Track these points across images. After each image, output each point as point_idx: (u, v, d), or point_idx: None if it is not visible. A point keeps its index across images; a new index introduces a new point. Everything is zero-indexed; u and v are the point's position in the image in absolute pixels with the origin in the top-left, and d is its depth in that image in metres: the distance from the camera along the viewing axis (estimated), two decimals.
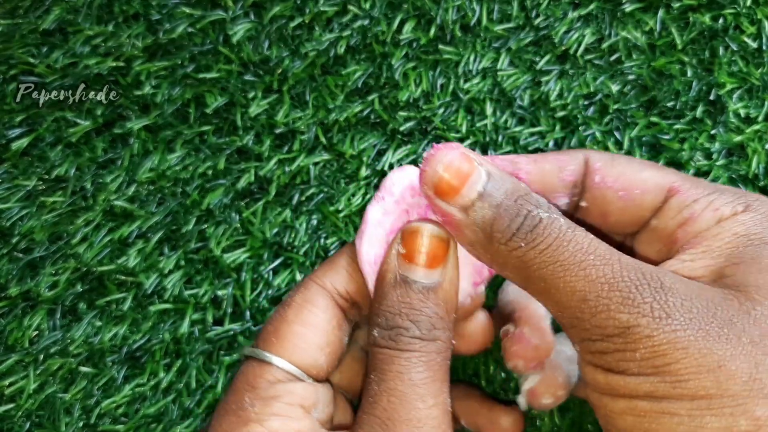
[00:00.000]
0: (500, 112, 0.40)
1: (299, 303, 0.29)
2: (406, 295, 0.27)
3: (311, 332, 0.28)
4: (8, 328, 0.38)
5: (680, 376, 0.21)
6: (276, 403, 0.26)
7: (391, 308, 0.27)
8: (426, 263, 0.27)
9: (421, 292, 0.27)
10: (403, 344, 0.26)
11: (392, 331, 0.27)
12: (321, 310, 0.29)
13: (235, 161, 0.40)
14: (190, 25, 0.40)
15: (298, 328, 0.28)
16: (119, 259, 0.39)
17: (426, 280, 0.27)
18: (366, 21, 0.41)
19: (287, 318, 0.28)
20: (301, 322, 0.28)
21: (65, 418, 0.37)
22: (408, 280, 0.27)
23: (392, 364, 0.26)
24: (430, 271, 0.27)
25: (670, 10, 0.41)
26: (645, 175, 0.28)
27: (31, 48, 0.40)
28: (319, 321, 0.28)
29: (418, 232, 0.27)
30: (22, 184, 0.39)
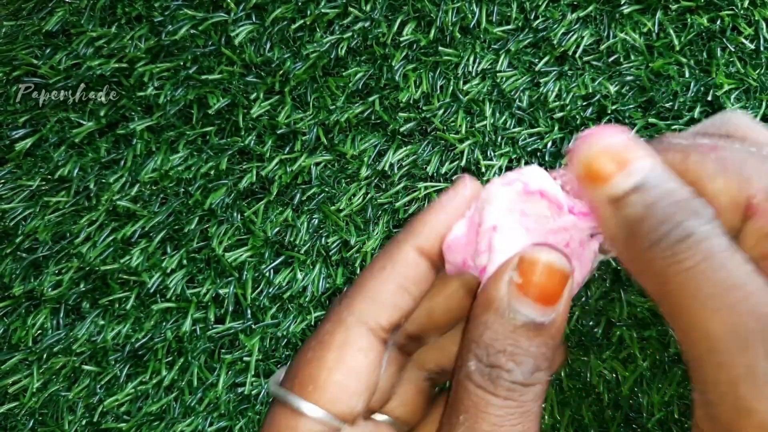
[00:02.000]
0: (499, 112, 0.41)
1: (340, 346, 0.26)
2: (512, 331, 0.24)
3: (353, 380, 0.26)
4: (12, 327, 0.38)
5: None
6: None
7: (494, 342, 0.24)
8: (543, 299, 0.24)
9: (532, 330, 0.24)
10: (501, 389, 0.24)
11: (492, 370, 0.24)
12: (363, 353, 0.26)
13: (237, 161, 0.40)
14: (192, 27, 0.41)
15: (339, 377, 0.26)
16: (122, 259, 0.39)
17: (539, 318, 0.24)
18: (367, 23, 0.41)
19: (327, 364, 0.26)
20: (343, 370, 0.26)
21: (68, 416, 0.38)
22: (520, 314, 0.24)
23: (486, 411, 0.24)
24: (546, 308, 0.24)
25: (668, 12, 0.41)
26: (718, 186, 0.23)
27: (35, 49, 0.41)
28: (362, 366, 0.26)
29: (539, 262, 0.24)
30: (26, 184, 0.40)
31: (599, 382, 0.38)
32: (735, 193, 0.23)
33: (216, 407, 0.38)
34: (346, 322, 0.26)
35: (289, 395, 0.26)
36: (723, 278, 0.20)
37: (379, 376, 0.27)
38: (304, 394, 0.25)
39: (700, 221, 0.21)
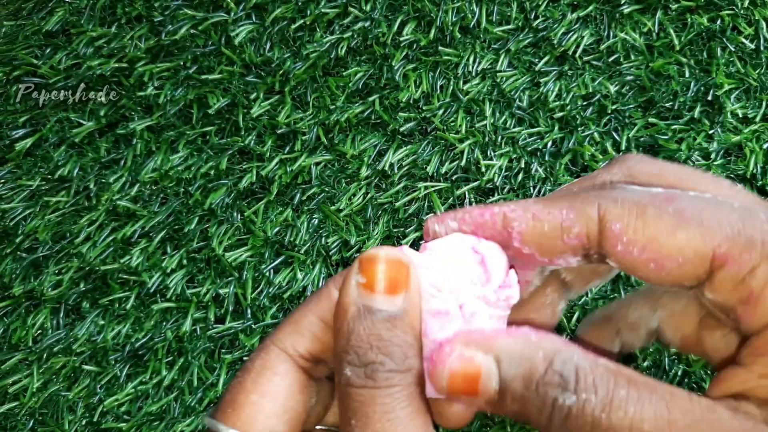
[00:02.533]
0: (499, 112, 0.41)
1: (258, 370, 0.27)
2: (373, 327, 0.25)
3: (269, 401, 0.27)
4: (12, 327, 0.38)
5: None
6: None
7: (360, 343, 0.25)
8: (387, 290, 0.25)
9: (388, 321, 0.25)
10: (381, 380, 0.24)
11: (367, 367, 0.25)
12: (280, 377, 0.27)
13: (237, 161, 0.40)
14: (192, 27, 0.41)
15: (255, 398, 0.27)
16: (122, 259, 0.39)
17: (391, 308, 0.25)
18: (367, 23, 0.41)
19: (245, 387, 0.27)
20: (258, 392, 0.27)
21: (68, 415, 0.38)
22: (372, 309, 0.25)
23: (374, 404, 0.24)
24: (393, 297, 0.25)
25: (668, 12, 0.41)
26: (680, 240, 0.22)
27: (35, 49, 0.41)
28: (279, 389, 0.27)
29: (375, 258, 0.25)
30: (26, 184, 0.40)
31: None
32: (698, 244, 0.22)
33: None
34: (266, 349, 0.27)
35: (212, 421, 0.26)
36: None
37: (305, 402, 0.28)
38: (224, 418, 0.26)
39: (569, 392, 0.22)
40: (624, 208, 0.23)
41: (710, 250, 0.22)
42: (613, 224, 0.23)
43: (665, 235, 0.22)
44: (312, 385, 0.29)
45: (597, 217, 0.24)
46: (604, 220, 0.24)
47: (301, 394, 0.28)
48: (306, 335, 0.27)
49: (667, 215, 0.23)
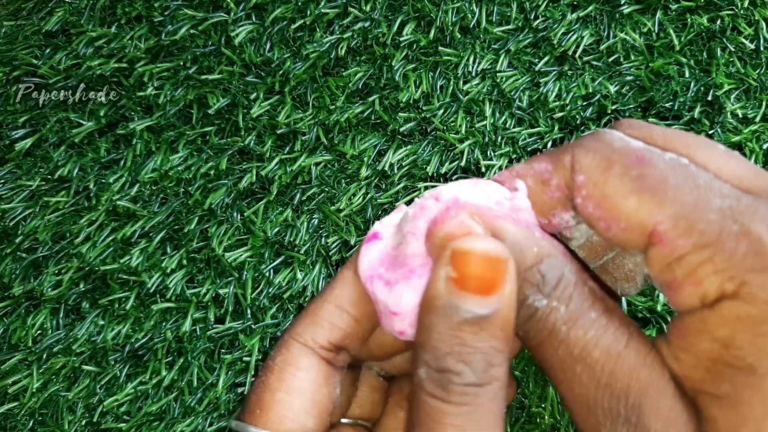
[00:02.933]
0: (499, 112, 0.41)
1: (280, 367, 0.27)
2: (458, 329, 0.23)
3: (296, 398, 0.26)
4: (12, 327, 0.38)
5: None
6: None
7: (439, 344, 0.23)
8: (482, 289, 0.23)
9: (476, 324, 0.23)
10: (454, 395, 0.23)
11: (442, 375, 0.23)
12: (304, 371, 0.27)
13: (237, 161, 0.40)
14: (192, 27, 0.41)
15: (282, 396, 0.26)
16: (122, 259, 0.39)
17: (482, 310, 0.23)
18: (366, 23, 0.41)
19: (270, 385, 0.26)
20: (284, 389, 0.26)
21: (68, 416, 0.38)
22: (460, 309, 0.23)
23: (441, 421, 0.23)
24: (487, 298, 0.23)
25: (668, 12, 0.41)
26: (629, 206, 0.22)
27: (35, 49, 0.41)
28: (304, 384, 0.27)
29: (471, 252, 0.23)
30: (26, 185, 0.40)
31: None
32: (644, 215, 0.22)
33: (216, 407, 0.38)
34: (286, 344, 0.27)
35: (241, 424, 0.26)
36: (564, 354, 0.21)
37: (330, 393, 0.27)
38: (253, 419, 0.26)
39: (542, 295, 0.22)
40: (593, 161, 0.23)
41: (652, 224, 0.21)
42: (579, 175, 0.23)
43: (619, 196, 0.22)
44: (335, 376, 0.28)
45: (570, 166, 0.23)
46: (573, 169, 0.23)
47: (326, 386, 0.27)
48: (325, 326, 0.27)
49: (628, 177, 0.22)
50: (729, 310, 0.20)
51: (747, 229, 0.20)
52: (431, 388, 0.23)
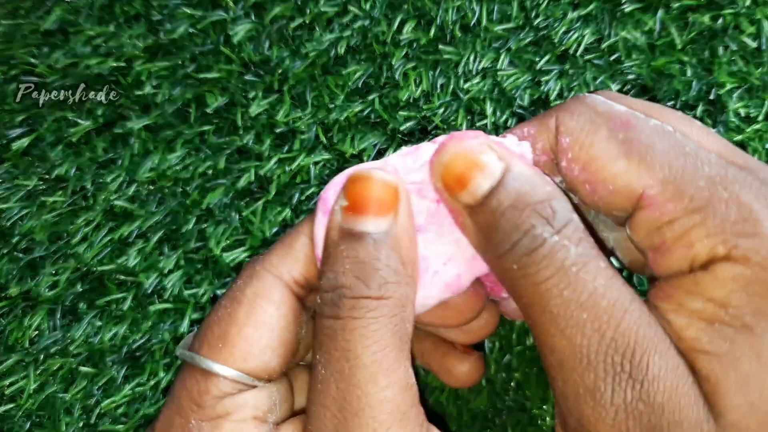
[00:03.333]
0: (500, 111, 0.40)
1: (251, 299, 0.24)
2: (351, 249, 0.22)
3: (265, 334, 0.24)
4: (8, 328, 0.38)
5: None
6: (227, 423, 0.23)
7: (335, 266, 0.22)
8: (373, 211, 0.23)
9: (370, 244, 0.22)
10: (346, 310, 0.22)
11: (335, 293, 0.22)
12: (276, 306, 0.24)
13: (236, 161, 0.40)
14: (190, 26, 0.40)
15: (250, 331, 0.24)
16: (119, 259, 0.39)
17: (374, 230, 0.22)
18: (366, 21, 0.41)
19: (237, 319, 0.24)
20: (253, 324, 0.24)
21: (65, 418, 0.37)
22: (353, 231, 0.22)
23: (335, 339, 0.22)
24: (378, 219, 0.22)
25: (669, 10, 0.41)
26: (617, 168, 0.22)
27: (32, 48, 0.40)
28: (274, 320, 0.24)
29: (360, 179, 0.23)
30: (23, 184, 0.39)
31: None
32: (633, 179, 0.21)
33: None
34: (258, 275, 0.25)
35: (197, 357, 0.24)
36: (570, 297, 0.20)
37: (297, 333, 0.25)
38: (214, 354, 0.24)
39: (552, 228, 0.20)
40: (578, 123, 0.22)
41: (641, 188, 0.21)
42: (564, 137, 0.23)
43: (606, 159, 0.22)
44: (304, 315, 0.26)
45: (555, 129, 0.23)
46: (558, 132, 0.23)
47: (294, 324, 0.25)
48: (301, 259, 0.25)
49: (615, 140, 0.22)
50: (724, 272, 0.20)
51: (736, 196, 0.20)
52: (326, 310, 0.22)
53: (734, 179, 0.21)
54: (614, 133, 0.22)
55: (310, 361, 0.29)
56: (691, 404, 0.19)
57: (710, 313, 0.20)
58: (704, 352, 0.20)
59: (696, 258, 0.21)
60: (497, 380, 0.39)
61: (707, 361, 0.20)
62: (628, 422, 0.19)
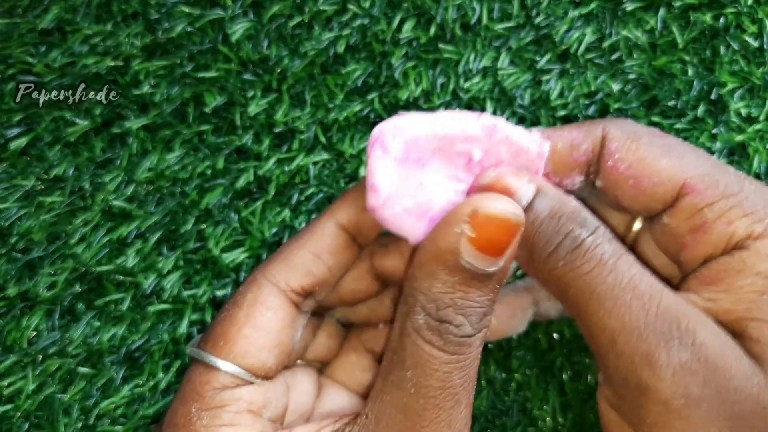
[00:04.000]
0: (501, 111, 0.40)
1: (250, 303, 0.27)
2: (464, 284, 0.24)
3: (262, 335, 0.27)
4: (6, 329, 0.38)
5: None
6: (224, 414, 0.25)
7: (444, 296, 0.24)
8: (494, 251, 0.23)
9: (482, 281, 0.24)
10: (450, 345, 0.24)
11: (441, 325, 0.24)
12: (273, 311, 0.27)
13: (234, 161, 0.40)
14: (188, 24, 0.40)
15: (248, 332, 0.27)
16: (118, 260, 0.38)
17: (491, 269, 0.24)
18: (366, 20, 0.40)
19: (237, 320, 0.27)
20: (251, 325, 0.27)
21: (64, 418, 0.37)
22: (472, 267, 0.23)
23: (435, 367, 0.24)
24: (497, 258, 0.24)
25: (671, 9, 0.40)
26: (662, 165, 0.26)
27: (30, 47, 0.40)
28: (270, 323, 0.27)
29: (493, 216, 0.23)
30: (21, 184, 0.39)
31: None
32: (675, 172, 0.26)
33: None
34: (258, 282, 0.27)
35: (201, 353, 0.27)
36: (616, 282, 0.23)
37: (293, 336, 0.28)
38: (216, 350, 0.26)
39: (587, 230, 0.24)
40: (623, 132, 0.27)
41: (682, 179, 0.26)
42: (612, 143, 0.27)
43: (651, 158, 0.26)
44: (300, 320, 0.29)
45: (601, 136, 0.27)
46: (606, 138, 0.27)
47: (290, 328, 0.28)
48: (299, 270, 0.27)
49: (656, 145, 0.26)
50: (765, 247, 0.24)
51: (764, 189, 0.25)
52: (429, 336, 0.24)
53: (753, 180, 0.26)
54: (655, 140, 0.27)
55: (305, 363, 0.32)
56: (740, 362, 0.22)
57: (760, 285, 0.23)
58: (755, 320, 0.23)
59: (734, 235, 0.24)
60: (497, 380, 0.39)
61: (757, 327, 0.23)
62: (686, 379, 0.22)
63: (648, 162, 0.26)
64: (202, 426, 0.25)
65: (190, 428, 0.26)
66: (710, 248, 0.25)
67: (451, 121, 0.26)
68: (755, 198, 0.25)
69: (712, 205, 0.25)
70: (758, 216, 0.24)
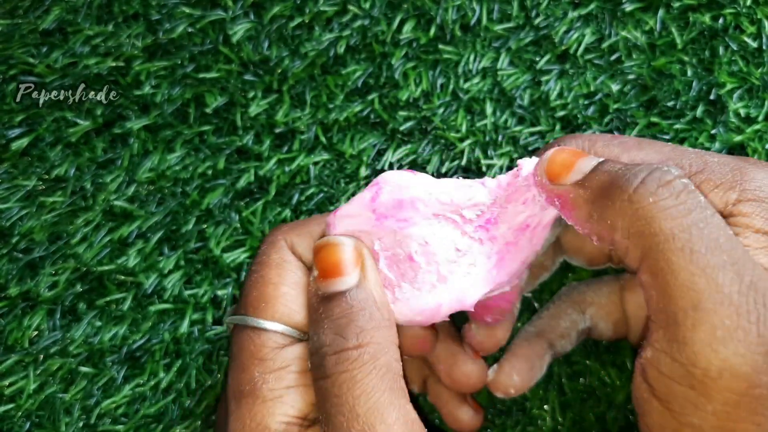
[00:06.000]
0: (500, 111, 0.40)
1: (278, 263, 0.27)
2: (328, 310, 0.24)
3: (297, 291, 0.27)
4: (8, 329, 0.38)
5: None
6: (287, 375, 0.25)
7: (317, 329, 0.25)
8: (339, 272, 0.25)
9: (343, 300, 0.24)
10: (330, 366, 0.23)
11: (318, 354, 0.24)
12: (297, 267, 0.27)
13: (235, 161, 0.40)
14: (189, 25, 0.40)
15: (286, 290, 0.26)
16: (119, 259, 0.39)
17: (345, 286, 0.25)
18: (366, 21, 0.41)
19: (271, 280, 0.27)
20: (286, 283, 0.27)
21: (65, 418, 0.37)
22: (327, 294, 0.25)
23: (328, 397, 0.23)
24: (346, 277, 0.25)
25: (670, 10, 0.41)
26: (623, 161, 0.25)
27: (31, 48, 0.40)
28: (299, 279, 0.27)
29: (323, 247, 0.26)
30: (22, 184, 0.39)
31: (599, 385, 0.38)
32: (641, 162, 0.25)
33: (215, 410, 0.38)
34: (276, 243, 0.28)
35: (247, 318, 0.26)
36: (710, 237, 0.20)
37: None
38: (259, 313, 0.26)
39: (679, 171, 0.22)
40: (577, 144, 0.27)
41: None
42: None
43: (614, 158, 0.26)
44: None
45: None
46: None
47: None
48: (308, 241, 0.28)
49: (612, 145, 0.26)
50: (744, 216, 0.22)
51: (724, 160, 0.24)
52: (315, 372, 0.24)
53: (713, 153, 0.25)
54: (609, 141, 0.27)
55: None
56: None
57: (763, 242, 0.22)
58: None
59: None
60: None
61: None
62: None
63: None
64: (268, 390, 0.24)
65: (258, 394, 0.24)
66: None
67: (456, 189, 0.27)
68: (721, 169, 0.23)
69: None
70: (729, 184, 0.23)
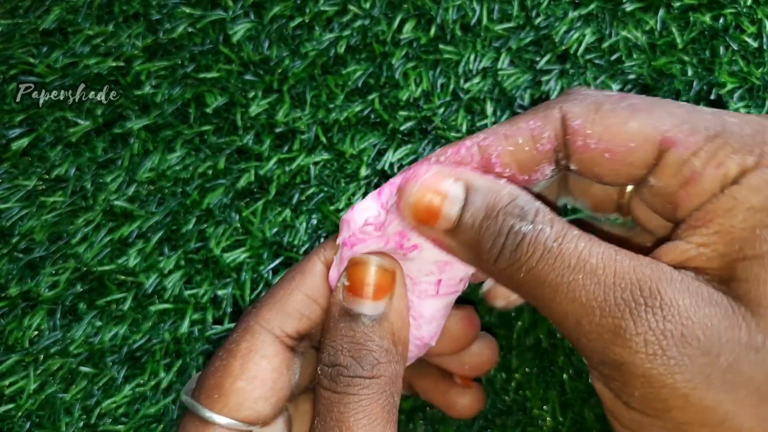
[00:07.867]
0: (500, 111, 0.40)
1: (244, 354, 0.27)
2: (349, 329, 0.26)
3: (257, 387, 0.26)
4: (8, 328, 0.38)
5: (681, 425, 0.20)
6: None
7: (334, 343, 0.26)
8: (371, 295, 0.26)
9: (366, 325, 0.25)
10: (341, 386, 0.25)
11: (333, 369, 0.25)
12: (268, 359, 0.27)
13: (235, 161, 0.40)
14: (190, 25, 0.40)
15: (243, 385, 0.26)
16: (119, 259, 0.39)
17: (371, 312, 0.26)
18: (366, 21, 0.41)
19: (231, 372, 0.26)
20: (246, 378, 0.26)
21: (65, 418, 0.37)
22: (352, 312, 0.26)
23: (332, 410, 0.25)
24: (375, 303, 0.26)
25: (670, 10, 0.41)
26: (632, 127, 0.24)
27: (31, 48, 0.40)
28: (266, 372, 0.27)
29: (362, 263, 0.26)
30: (22, 184, 0.39)
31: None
32: (649, 130, 0.24)
33: None
34: (252, 330, 0.27)
35: (196, 405, 0.26)
36: (564, 266, 0.22)
37: (290, 380, 0.28)
38: (210, 403, 0.26)
39: (527, 219, 0.23)
40: (582, 107, 0.25)
41: (659, 134, 0.23)
42: (574, 121, 0.25)
43: (619, 124, 0.24)
44: (296, 362, 0.29)
45: (560, 118, 0.25)
46: (566, 119, 0.25)
47: (286, 373, 0.28)
48: (294, 315, 0.27)
49: (620, 108, 0.24)
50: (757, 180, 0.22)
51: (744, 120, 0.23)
52: (325, 382, 0.25)
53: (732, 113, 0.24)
54: (618, 104, 0.24)
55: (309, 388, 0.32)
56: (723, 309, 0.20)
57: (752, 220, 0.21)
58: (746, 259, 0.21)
59: (727, 175, 0.22)
60: (497, 380, 0.39)
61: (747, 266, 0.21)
62: (661, 343, 0.20)
63: (617, 129, 0.24)
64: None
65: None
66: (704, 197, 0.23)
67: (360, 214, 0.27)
68: (741, 131, 0.22)
69: (698, 152, 0.23)
70: (748, 148, 0.22)
